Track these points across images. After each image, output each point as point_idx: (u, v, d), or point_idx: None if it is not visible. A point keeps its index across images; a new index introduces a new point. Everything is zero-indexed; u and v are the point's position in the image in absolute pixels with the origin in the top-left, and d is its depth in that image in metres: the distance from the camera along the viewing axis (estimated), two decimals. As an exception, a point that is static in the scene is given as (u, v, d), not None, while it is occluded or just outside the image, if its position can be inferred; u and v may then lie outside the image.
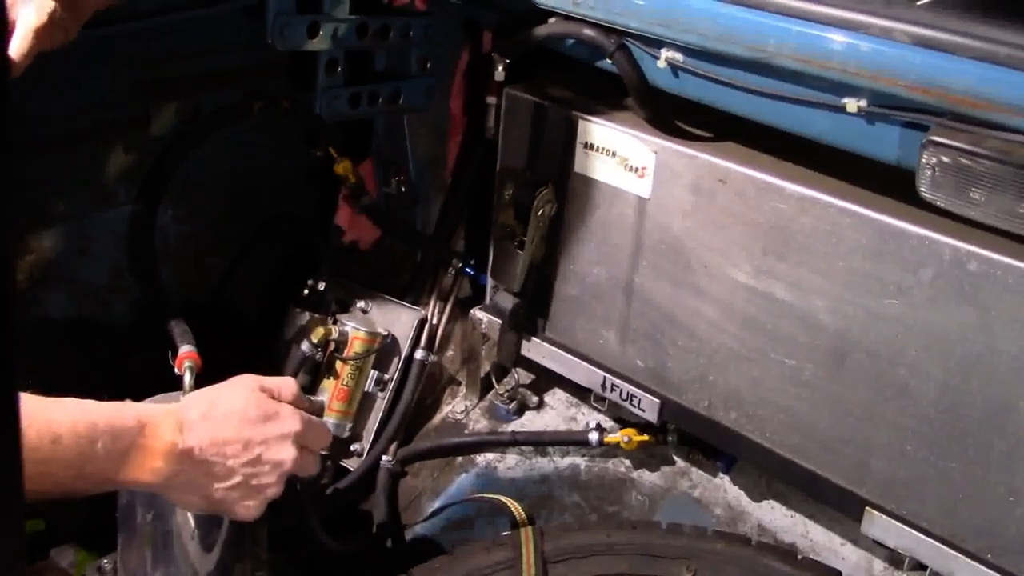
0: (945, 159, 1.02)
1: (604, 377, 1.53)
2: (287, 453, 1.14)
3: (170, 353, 1.39)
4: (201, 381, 1.37)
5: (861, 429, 1.30)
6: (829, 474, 1.34)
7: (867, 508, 1.31)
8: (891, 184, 1.23)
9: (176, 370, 1.37)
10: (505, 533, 1.41)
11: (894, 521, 1.28)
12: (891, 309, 1.24)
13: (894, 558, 1.42)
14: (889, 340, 1.25)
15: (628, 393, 1.51)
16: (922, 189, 1.07)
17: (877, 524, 1.30)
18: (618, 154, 1.43)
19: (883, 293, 1.24)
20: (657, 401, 1.49)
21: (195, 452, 1.08)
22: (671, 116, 1.41)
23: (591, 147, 1.46)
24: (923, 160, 1.05)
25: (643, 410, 1.50)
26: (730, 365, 1.40)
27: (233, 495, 1.14)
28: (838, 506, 1.36)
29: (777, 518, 1.52)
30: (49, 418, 0.99)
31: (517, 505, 1.42)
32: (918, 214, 1.20)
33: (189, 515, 1.35)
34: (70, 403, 1.02)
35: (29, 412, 0.97)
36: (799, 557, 1.34)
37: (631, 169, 1.42)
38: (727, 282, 1.37)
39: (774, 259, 1.32)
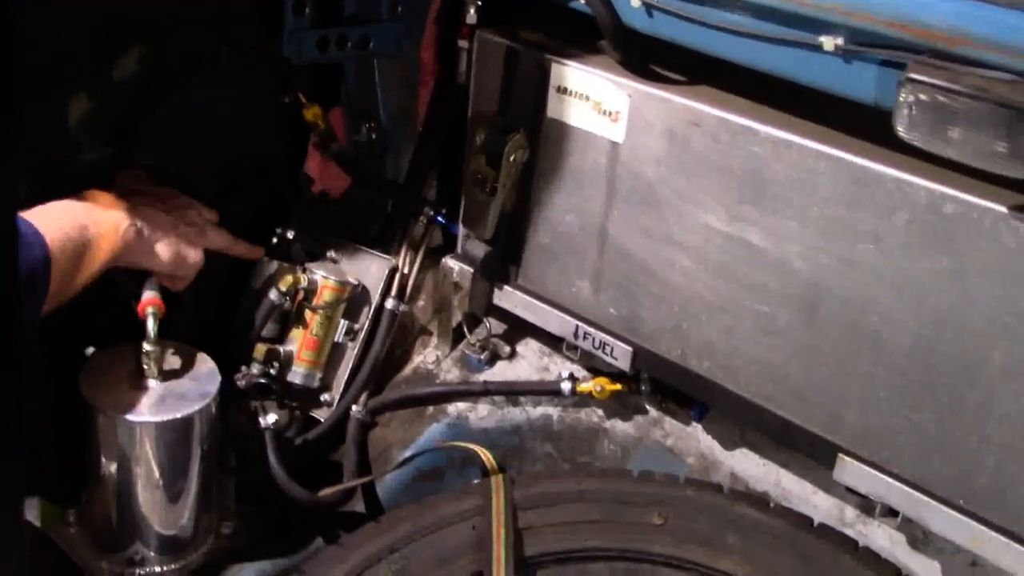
0: (923, 97, 1.00)
1: (577, 326, 1.52)
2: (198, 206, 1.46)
3: (133, 301, 1.36)
4: (165, 328, 1.35)
5: (834, 377, 1.29)
6: (802, 422, 1.33)
7: (839, 455, 1.30)
8: (867, 127, 1.22)
9: (139, 316, 1.34)
10: (475, 481, 1.40)
11: (866, 467, 1.28)
12: (865, 256, 1.22)
13: (866, 505, 1.41)
14: (862, 288, 1.23)
15: (601, 341, 1.50)
16: (899, 129, 1.05)
17: (849, 470, 1.29)
18: (591, 98, 1.40)
19: (857, 239, 1.22)
20: (630, 349, 1.47)
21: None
22: (645, 59, 1.38)
23: (564, 91, 1.43)
24: (900, 99, 1.03)
25: (616, 358, 1.49)
26: (703, 313, 1.39)
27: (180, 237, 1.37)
28: (811, 453, 1.35)
29: (750, 467, 1.52)
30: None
31: (488, 453, 1.40)
32: (894, 157, 1.18)
33: (154, 465, 1.34)
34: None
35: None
36: (771, 504, 1.33)
37: (604, 113, 1.40)
38: (700, 229, 1.35)
39: (748, 205, 1.30)
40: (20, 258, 1.06)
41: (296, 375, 1.58)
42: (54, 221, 1.18)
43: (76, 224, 1.21)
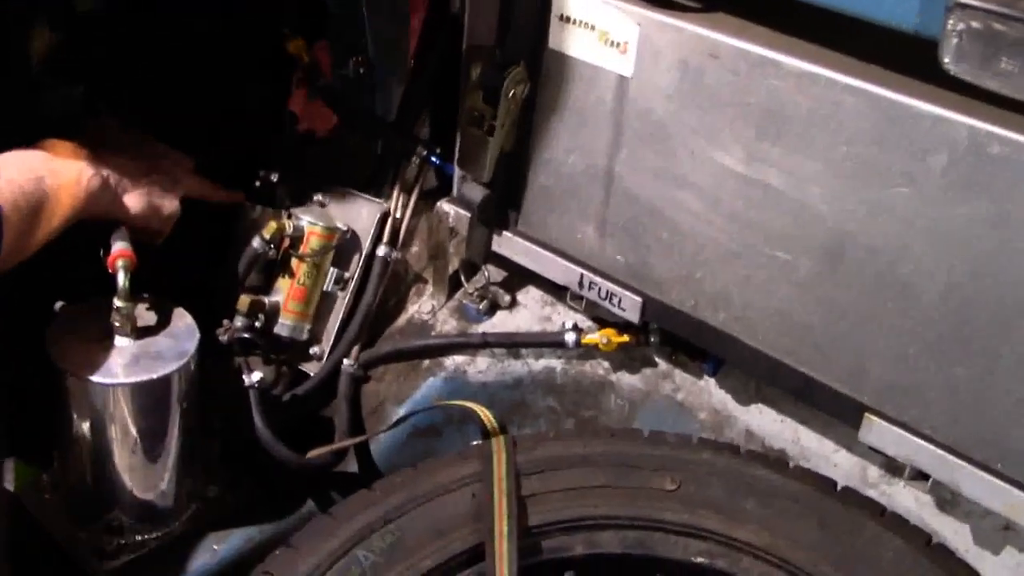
0: (974, 24, 0.89)
1: (581, 274, 1.42)
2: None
3: (102, 253, 1.26)
4: (138, 282, 1.25)
5: (860, 331, 1.20)
6: (824, 378, 1.24)
7: (866, 414, 1.21)
8: (901, 59, 1.10)
9: (109, 269, 1.24)
10: (474, 443, 1.31)
11: (895, 428, 1.19)
12: (896, 200, 1.12)
13: (891, 466, 1.33)
14: (893, 235, 1.13)
15: (607, 291, 1.40)
16: (945, 60, 0.94)
17: (876, 431, 1.20)
18: (597, 27, 1.28)
19: (888, 182, 1.12)
20: (639, 300, 1.37)
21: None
22: (656, -16, 1.26)
23: (567, 20, 1.31)
24: (948, 26, 0.91)
25: (624, 309, 1.39)
26: (718, 261, 1.28)
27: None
28: (834, 412, 1.26)
29: (766, 423, 1.43)
30: None
31: (488, 413, 1.31)
32: (932, 92, 1.07)
33: (130, 429, 1.25)
34: None
35: None
36: (790, 466, 1.25)
37: (611, 44, 1.28)
38: (716, 170, 1.24)
39: (768, 144, 1.19)
40: None
41: (283, 328, 1.49)
42: (5, 172, 1.08)
43: (31, 176, 1.11)
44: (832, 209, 1.17)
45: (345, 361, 1.53)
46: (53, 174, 1.14)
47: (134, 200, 1.26)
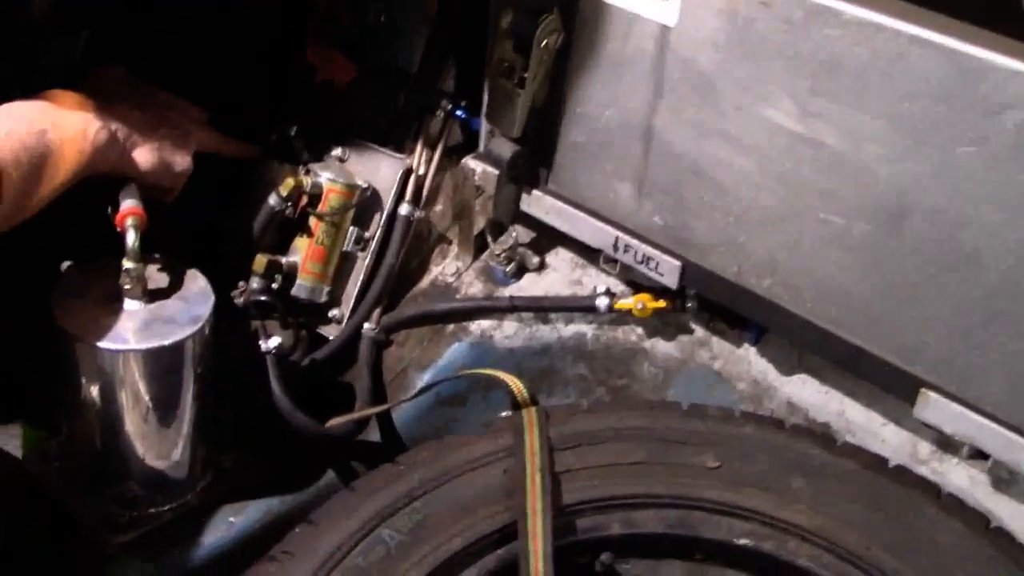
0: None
1: (617, 236, 1.34)
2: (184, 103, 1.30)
3: (110, 209, 1.19)
4: (148, 242, 1.18)
5: (918, 300, 1.12)
6: (878, 350, 1.17)
7: (922, 389, 1.14)
8: (973, 7, 1.02)
9: (117, 228, 1.17)
10: (504, 414, 1.24)
11: (953, 404, 1.12)
12: (964, 161, 1.04)
13: (943, 442, 1.26)
14: (958, 199, 1.05)
15: (644, 255, 1.33)
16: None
17: (933, 407, 1.13)
18: (638, -28, 1.20)
19: (956, 141, 1.04)
20: (678, 264, 1.30)
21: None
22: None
23: (606, -37, 1.22)
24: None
25: (661, 274, 1.32)
26: (765, 224, 1.21)
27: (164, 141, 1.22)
28: (886, 386, 1.19)
29: (809, 394, 1.36)
30: None
31: (518, 383, 1.24)
32: (1008, 44, 0.99)
33: (141, 397, 1.18)
34: None
35: None
36: (839, 443, 1.18)
37: (654, -10, 1.19)
38: (765, 127, 1.16)
39: (823, 99, 1.11)
40: None
41: (301, 289, 1.42)
42: (4, 125, 1.01)
43: (33, 129, 1.04)
44: (892, 170, 1.09)
45: (366, 325, 1.46)
46: (57, 127, 1.07)
47: (144, 155, 1.18)
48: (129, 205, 1.16)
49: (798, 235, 1.18)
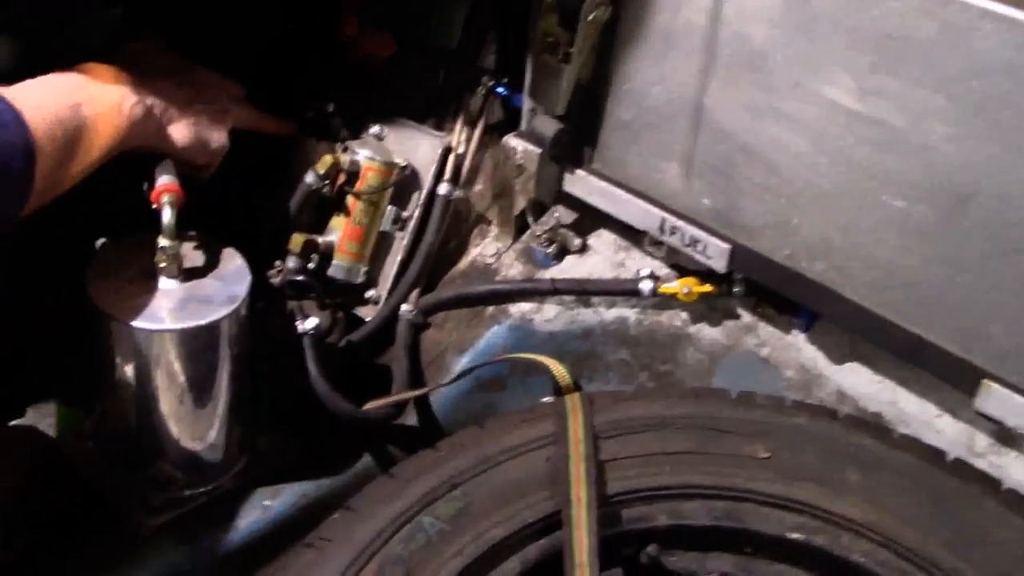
0: None
1: (663, 218, 1.30)
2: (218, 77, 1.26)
3: (145, 185, 1.16)
4: (184, 219, 1.15)
5: (982, 286, 1.07)
6: (938, 339, 1.12)
7: (984, 380, 1.09)
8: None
9: (153, 205, 1.14)
10: (546, 400, 1.21)
11: (1017, 396, 1.07)
12: (1035, 140, 0.99)
13: (1003, 435, 1.21)
14: (1028, 179, 1.01)
15: (691, 237, 1.28)
16: None
17: (996, 399, 1.09)
18: (691, -58, 1.15)
19: (1027, 119, 0.99)
20: (727, 247, 1.26)
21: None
22: None
23: (656, -66, 1.18)
24: None
25: (709, 257, 1.28)
26: (820, 207, 1.16)
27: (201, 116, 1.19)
28: (946, 376, 1.15)
29: (861, 383, 1.31)
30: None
31: (561, 367, 1.20)
32: (1086, 16, 0.94)
33: (176, 378, 1.16)
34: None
35: None
36: (895, 435, 1.13)
37: (707, -39, 1.15)
38: (822, 105, 1.11)
39: (885, 76, 1.06)
40: None
41: (338, 269, 1.39)
42: (38, 99, 0.97)
43: (68, 102, 1.00)
44: (956, 150, 1.04)
45: (403, 306, 1.43)
46: (92, 101, 1.03)
47: (180, 131, 1.15)
48: (165, 181, 1.13)
49: (854, 217, 1.14)
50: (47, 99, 0.99)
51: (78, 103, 1.01)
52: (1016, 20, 0.96)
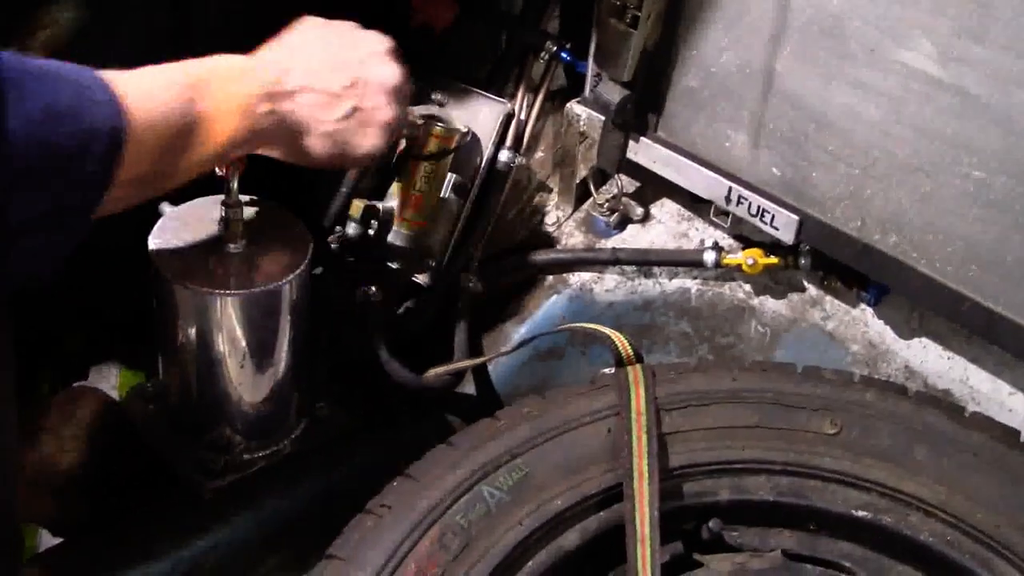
0: None
1: (730, 187, 1.27)
2: (388, 69, 1.06)
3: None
4: (246, 183, 1.15)
5: (1064, 261, 1.04)
6: (1014, 315, 1.09)
7: (1062, 358, 1.06)
8: None
9: (217, 171, 1.13)
10: (607, 371, 1.19)
11: (1097, 376, 1.04)
12: None
13: (1077, 414, 1.18)
14: (1118, 149, 0.97)
15: (759, 207, 1.26)
16: None
17: (1074, 378, 1.05)
18: (766, -98, 1.12)
19: (1119, 88, 0.95)
20: (796, 218, 1.23)
21: (286, 85, 0.97)
22: None
23: None
24: None
25: (777, 228, 1.25)
26: (895, 178, 1.13)
27: (347, 125, 1.02)
28: (1021, 353, 1.11)
29: (930, 359, 1.28)
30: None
31: (623, 339, 1.18)
32: None
33: (238, 342, 1.16)
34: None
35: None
36: (967, 413, 1.10)
37: (782, -78, 1.11)
38: (900, 72, 1.08)
39: (968, 41, 1.02)
40: (69, 117, 0.81)
41: (398, 236, 1.37)
42: (147, 85, 0.87)
43: (181, 95, 0.89)
44: (1043, 120, 1.00)
45: (463, 275, 1.41)
46: (210, 97, 0.92)
47: (318, 144, 1.01)
48: (229, 146, 1.12)
49: (932, 189, 1.10)
50: (157, 87, 0.89)
51: (191, 98, 0.90)
52: (1110, -17, 0.92)
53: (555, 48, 1.41)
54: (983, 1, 1.00)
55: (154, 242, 1.15)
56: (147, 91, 0.88)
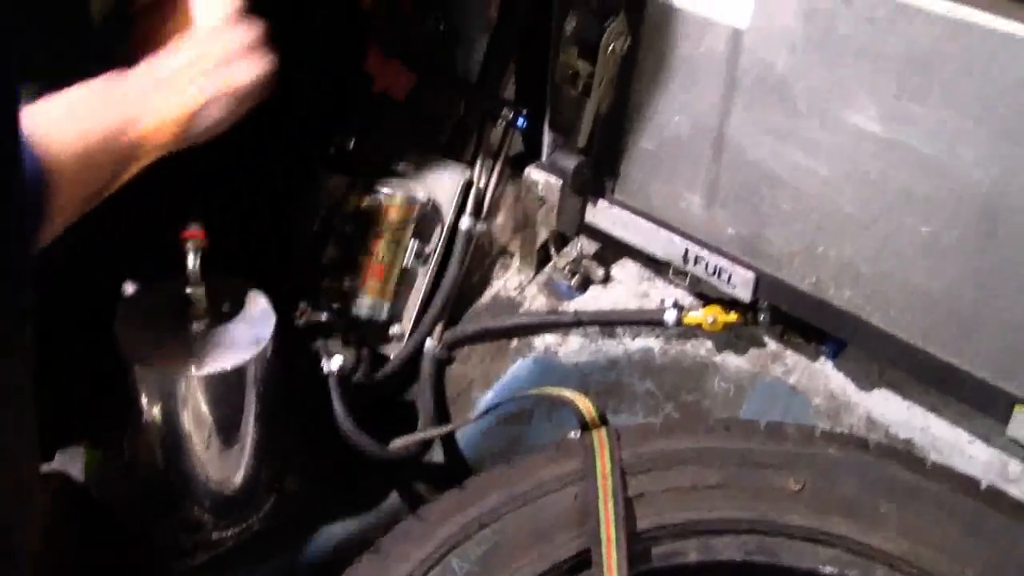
0: None
1: (687, 247, 1.29)
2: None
3: (173, 230, 1.16)
4: (209, 263, 1.16)
5: (1014, 311, 1.06)
6: (969, 366, 1.11)
7: (1017, 406, 1.08)
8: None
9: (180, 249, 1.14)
10: (573, 435, 1.20)
11: (1053, 424, 1.06)
12: (1064, 162, 0.98)
13: (1037, 460, 1.19)
14: (1059, 201, 0.99)
15: (716, 266, 1.27)
16: None
17: (1031, 426, 1.07)
18: (709, -28, 1.15)
19: (1056, 142, 0.97)
20: (752, 275, 1.24)
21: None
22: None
23: (674, -35, 1.17)
24: None
25: (734, 286, 1.27)
26: (846, 233, 1.15)
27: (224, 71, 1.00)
28: (978, 404, 1.13)
29: (891, 410, 1.29)
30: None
31: (587, 401, 1.19)
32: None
33: (203, 420, 1.16)
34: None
35: None
36: (928, 464, 1.12)
37: (725, -9, 1.14)
38: (847, 131, 1.10)
39: (909, 101, 1.05)
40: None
41: (362, 307, 1.39)
42: (70, 127, 0.87)
43: (111, 133, 0.90)
44: (987, 171, 1.03)
45: (427, 342, 1.42)
46: (139, 121, 0.93)
47: (222, 113, 1.01)
48: (192, 228, 1.13)
49: (883, 243, 1.13)
50: (85, 126, 0.89)
51: (122, 130, 0.91)
52: (1041, 44, 0.95)
53: (512, 115, 1.44)
54: (923, 62, 1.02)
55: (118, 322, 1.15)
56: (73, 152, 0.87)
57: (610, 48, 1.22)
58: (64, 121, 0.88)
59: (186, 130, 0.97)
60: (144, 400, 1.16)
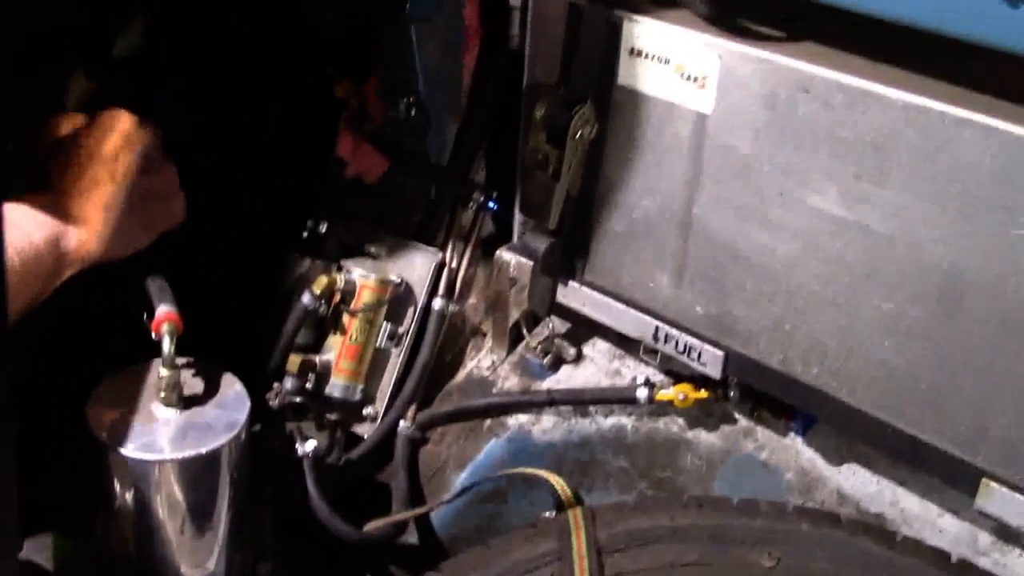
0: None
1: (656, 326, 1.31)
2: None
3: (146, 315, 1.17)
4: (183, 346, 1.16)
5: (978, 385, 1.08)
6: (936, 440, 1.13)
7: (984, 479, 1.10)
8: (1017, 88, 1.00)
9: (153, 335, 1.15)
10: (548, 515, 1.20)
11: (1019, 496, 1.07)
12: (1020, 241, 1.01)
13: (1005, 532, 1.21)
14: (1017, 276, 1.02)
15: (685, 345, 1.29)
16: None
17: (997, 498, 1.09)
18: (673, 61, 1.19)
19: (1011, 222, 1.01)
20: (721, 353, 1.27)
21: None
22: (736, 12, 1.17)
23: (639, 53, 1.21)
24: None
25: (704, 364, 1.29)
26: (812, 311, 1.18)
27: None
28: (946, 477, 1.15)
29: (860, 485, 1.31)
30: None
31: (561, 481, 1.20)
32: (1059, 124, 0.97)
33: (178, 499, 1.15)
34: None
35: None
36: (899, 538, 1.13)
37: (689, 79, 1.18)
38: (809, 213, 1.14)
39: (869, 184, 1.09)
40: None
41: (335, 388, 1.40)
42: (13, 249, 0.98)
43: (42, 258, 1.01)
44: (946, 252, 1.06)
45: (401, 422, 1.43)
46: (66, 237, 1.05)
47: (145, 232, 1.16)
48: (164, 311, 1.14)
49: (847, 321, 1.15)
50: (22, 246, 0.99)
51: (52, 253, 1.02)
52: (992, 128, 0.99)
53: (483, 198, 1.47)
54: (880, 146, 1.06)
55: (90, 407, 1.15)
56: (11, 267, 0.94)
57: (578, 134, 1.26)
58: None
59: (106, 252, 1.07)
60: (117, 485, 1.15)
